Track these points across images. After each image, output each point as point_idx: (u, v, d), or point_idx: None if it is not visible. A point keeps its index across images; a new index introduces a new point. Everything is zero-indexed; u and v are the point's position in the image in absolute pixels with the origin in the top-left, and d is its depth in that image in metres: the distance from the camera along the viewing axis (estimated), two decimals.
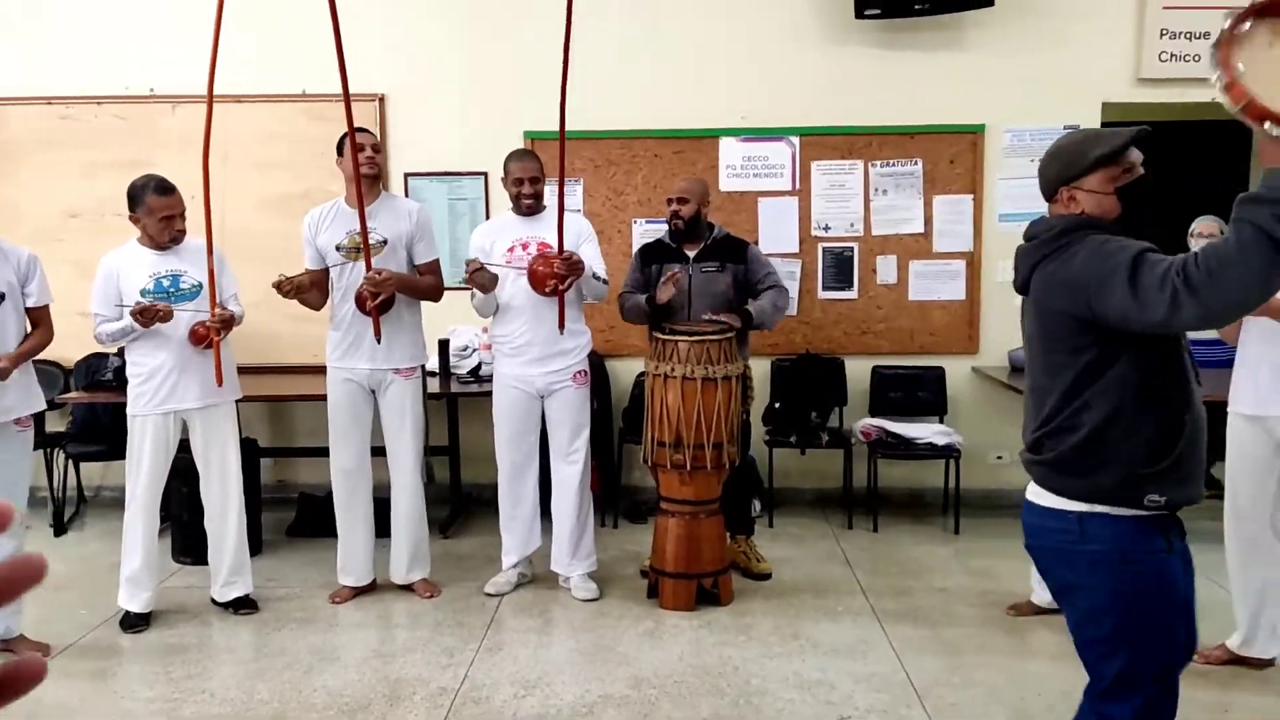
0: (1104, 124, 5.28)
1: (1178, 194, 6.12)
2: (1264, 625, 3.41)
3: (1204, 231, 4.17)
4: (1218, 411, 3.39)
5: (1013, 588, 4.21)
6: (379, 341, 4.00)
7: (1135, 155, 2.06)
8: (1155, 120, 5.71)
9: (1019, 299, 3.93)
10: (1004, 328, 5.32)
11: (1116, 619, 2.04)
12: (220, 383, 3.87)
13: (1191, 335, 4.02)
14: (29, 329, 3.74)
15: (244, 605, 4.09)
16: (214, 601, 4.11)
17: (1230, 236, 1.68)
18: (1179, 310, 1.75)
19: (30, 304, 3.67)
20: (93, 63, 5.52)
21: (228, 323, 3.87)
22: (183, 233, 3.91)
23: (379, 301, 3.94)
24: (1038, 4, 5.25)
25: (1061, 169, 2.09)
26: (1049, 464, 2.07)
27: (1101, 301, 1.90)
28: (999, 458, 5.53)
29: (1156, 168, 6.41)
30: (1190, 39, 5.17)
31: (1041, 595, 3.96)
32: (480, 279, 4.01)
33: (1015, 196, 5.37)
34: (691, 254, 4.34)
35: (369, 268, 3.91)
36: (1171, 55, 5.20)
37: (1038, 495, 2.12)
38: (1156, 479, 1.97)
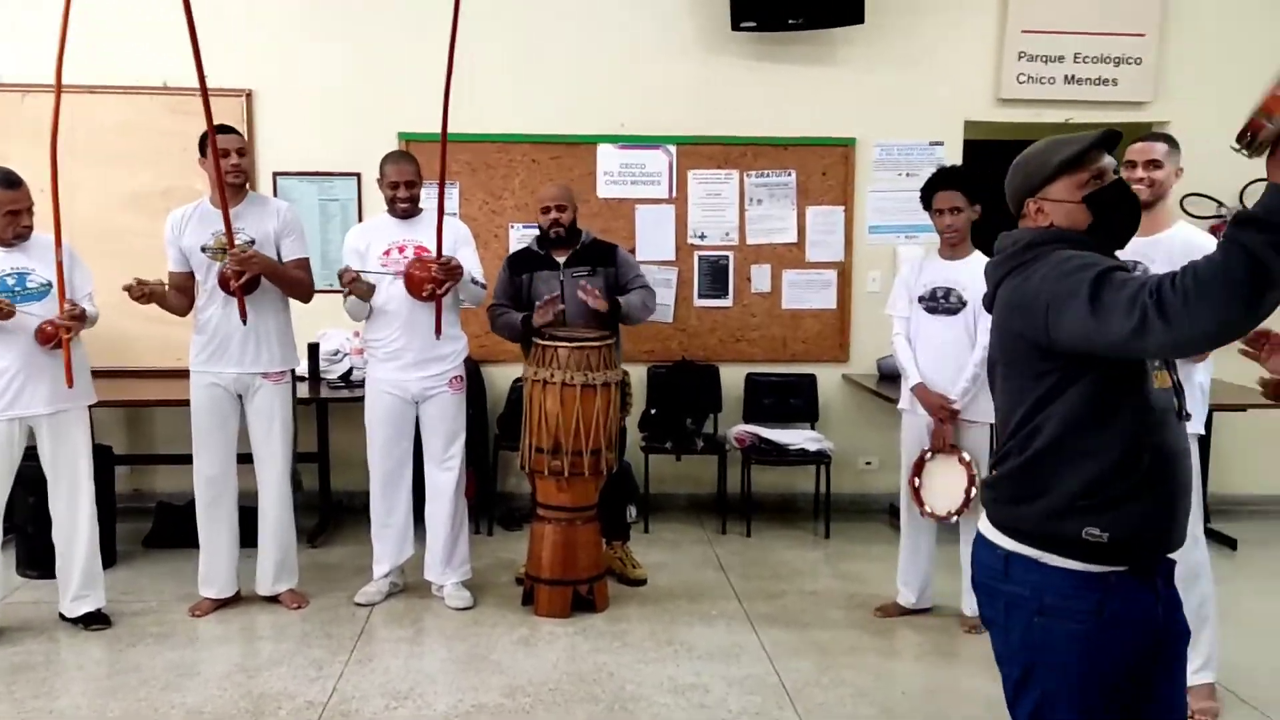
0: (966, 142, 5.53)
1: None
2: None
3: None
4: None
5: (880, 590, 4.34)
6: (245, 323, 3.86)
7: (1106, 160, 1.90)
8: (1013, 139, 6.02)
9: (889, 309, 4.12)
10: (873, 336, 5.49)
11: (1021, 668, 1.89)
12: (70, 384, 3.66)
13: None
14: None
15: (95, 620, 3.88)
16: (63, 617, 3.88)
17: (1216, 258, 1.50)
18: (1146, 335, 1.58)
19: None
20: None
21: (78, 319, 3.65)
22: (29, 229, 3.69)
23: (244, 281, 3.79)
24: (905, 23, 5.45)
25: (1024, 180, 1.96)
26: (991, 488, 1.96)
27: (1059, 325, 1.73)
28: (867, 463, 5.70)
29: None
30: (1046, 62, 5.45)
31: (907, 597, 4.10)
32: (358, 289, 3.92)
33: (884, 209, 5.55)
34: (562, 260, 4.34)
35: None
36: (1029, 77, 5.46)
37: (981, 522, 1.99)
38: (1097, 510, 1.79)
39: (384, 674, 3.50)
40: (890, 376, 5.24)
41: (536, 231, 4.43)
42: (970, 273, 3.81)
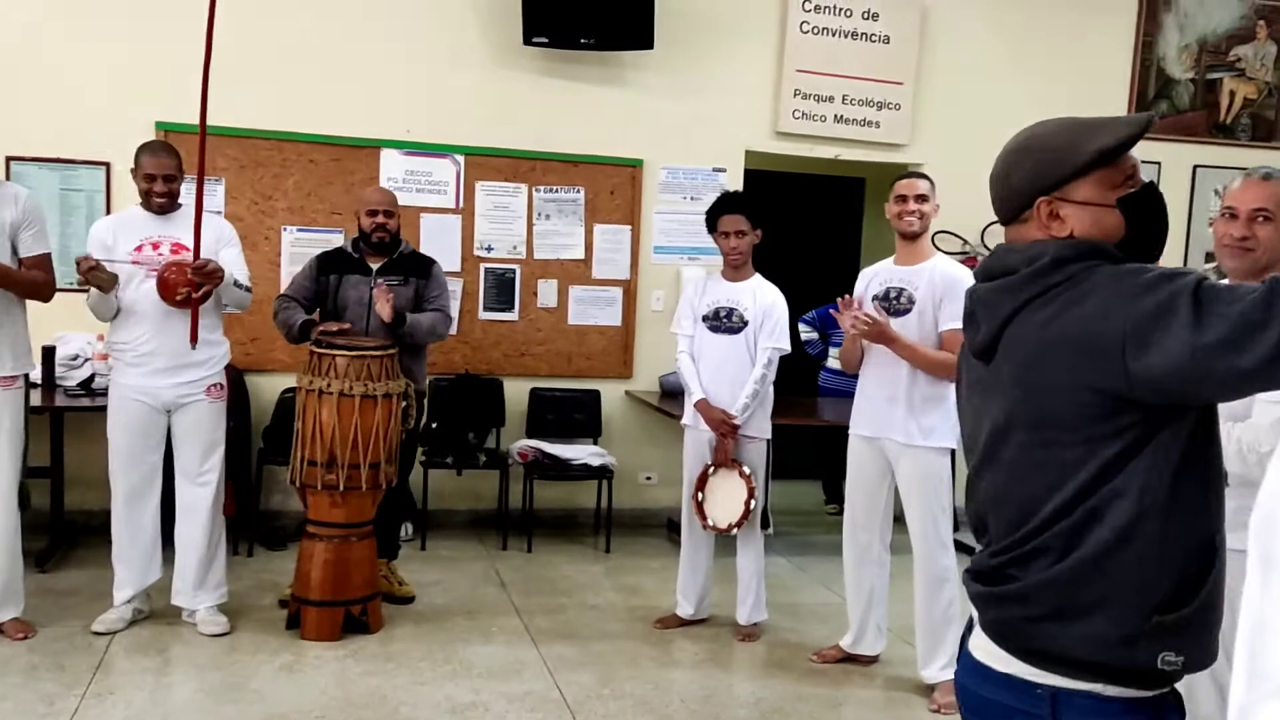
0: (746, 170, 5.73)
1: (805, 239, 6.80)
2: (871, 625, 3.79)
3: None
4: (843, 434, 3.77)
5: (659, 602, 4.38)
6: None
7: (1136, 159, 1.47)
8: (789, 171, 6.32)
9: (674, 328, 4.17)
10: (656, 354, 5.57)
11: None
12: None
13: (832, 365, 4.23)
14: None
15: None
16: None
17: None
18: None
19: None
20: None
21: None
22: None
23: None
24: (692, 53, 5.60)
25: (1038, 170, 1.45)
26: (1013, 602, 1.41)
27: (1146, 359, 1.27)
28: (648, 478, 5.76)
29: (790, 214, 7.04)
30: (818, 100, 5.74)
31: (685, 608, 4.15)
32: (97, 278, 3.57)
33: (669, 230, 5.67)
34: (376, 266, 4.16)
35: None
36: (803, 114, 5.74)
37: (989, 653, 1.45)
38: (1176, 630, 1.34)
39: (126, 708, 3.17)
40: (671, 393, 5.33)
41: (311, 235, 4.21)
42: (751, 293, 3.95)
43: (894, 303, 3.57)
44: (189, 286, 3.62)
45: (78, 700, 3.20)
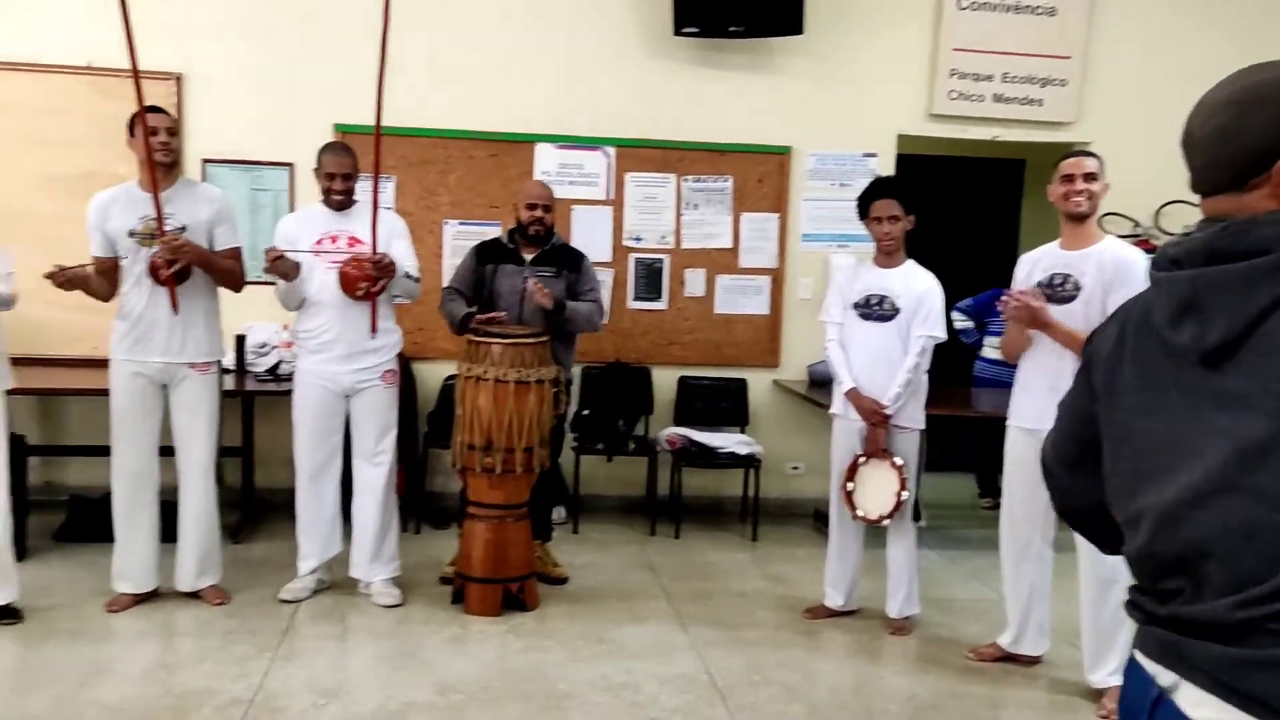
0: (899, 155, 5.65)
1: (961, 224, 6.65)
2: (1032, 624, 3.70)
3: None
4: (999, 425, 3.69)
5: (806, 592, 4.41)
6: (175, 313, 3.76)
7: None
8: (943, 155, 6.19)
9: (823, 316, 4.18)
10: (804, 343, 5.58)
11: None
12: None
13: (988, 354, 4.10)
14: None
15: (7, 615, 3.72)
16: None
17: None
18: None
19: None
20: None
21: None
22: None
23: (174, 270, 3.70)
24: (842, 37, 5.55)
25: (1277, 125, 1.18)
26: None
27: None
28: (795, 468, 5.77)
29: (944, 199, 6.90)
30: (976, 80, 5.61)
31: (834, 599, 4.16)
32: (282, 267, 3.84)
33: (817, 218, 5.65)
34: (530, 257, 4.33)
35: None
36: (959, 94, 5.61)
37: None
38: None
39: (310, 671, 3.44)
40: (820, 382, 5.33)
41: (473, 229, 4.41)
42: (903, 280, 3.91)
43: (1058, 290, 3.46)
44: (367, 281, 3.87)
45: (268, 662, 3.48)
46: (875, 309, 3.93)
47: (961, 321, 5.66)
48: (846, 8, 5.53)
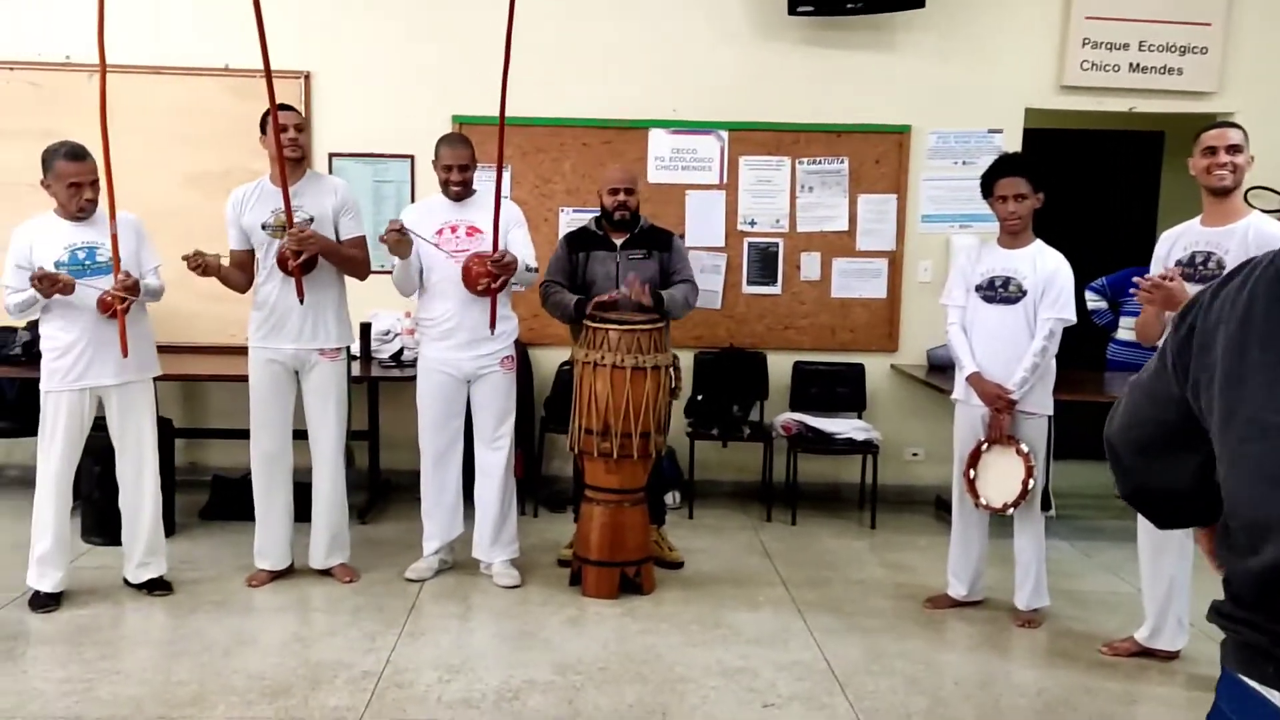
0: (1026, 130, 5.46)
1: (1093, 201, 6.39)
2: (1171, 618, 3.54)
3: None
4: None
5: (928, 581, 4.32)
6: (302, 302, 3.91)
7: None
8: (1075, 128, 5.95)
9: (944, 299, 4.06)
10: (923, 327, 5.46)
11: None
12: (125, 354, 3.72)
13: (1122, 336, 3.93)
14: None
15: (159, 587, 3.97)
16: (127, 583, 3.98)
17: None
18: None
19: None
20: (4, 27, 5.28)
21: (131, 289, 3.70)
22: (92, 202, 3.75)
23: (301, 260, 3.85)
24: (966, 9, 5.39)
25: None
26: None
27: None
28: (914, 454, 5.66)
29: (1075, 175, 6.66)
30: (1110, 49, 5.36)
31: (958, 589, 4.07)
32: (399, 240, 3.91)
33: (938, 198, 5.51)
34: (619, 242, 4.36)
35: None
36: (1092, 64, 5.38)
37: None
38: None
39: (435, 648, 3.55)
40: (940, 367, 5.21)
41: (586, 216, 4.45)
42: (1030, 261, 3.77)
43: (1200, 269, 3.29)
44: (489, 277, 3.95)
45: (395, 638, 3.61)
46: (1000, 291, 3.81)
47: (1095, 302, 5.44)
48: None
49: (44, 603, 3.78)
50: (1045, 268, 3.75)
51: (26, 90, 5.31)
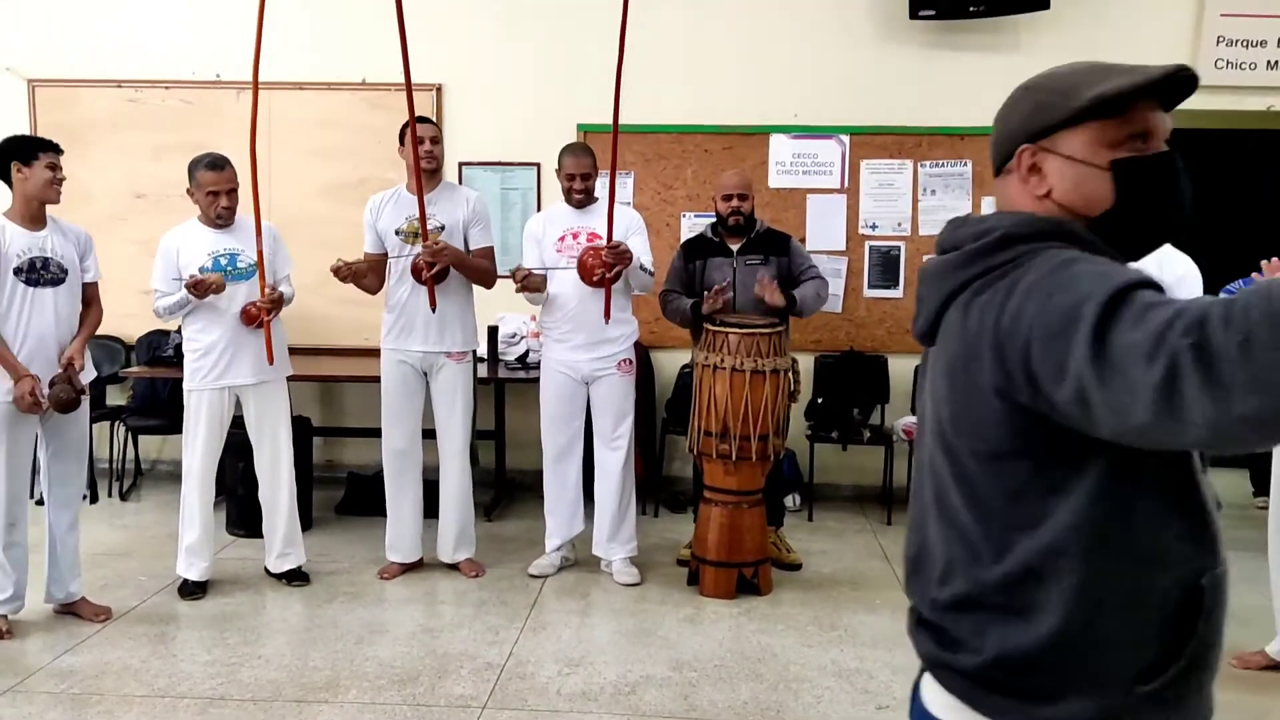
0: None
1: (1232, 209, 6.11)
2: None
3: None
4: None
5: None
6: (434, 310, 4.09)
7: (1161, 120, 1.19)
8: (1210, 128, 5.71)
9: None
10: None
11: None
12: (271, 361, 4.00)
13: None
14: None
15: (297, 577, 4.21)
16: (268, 572, 4.23)
17: None
18: (1177, 408, 0.90)
19: (86, 279, 3.80)
20: (161, 47, 5.67)
21: (277, 303, 4.00)
22: (230, 210, 4.01)
23: (434, 271, 4.03)
24: (1094, 8, 5.24)
25: (1033, 113, 1.21)
26: (967, 678, 1.19)
27: (1048, 370, 1.02)
28: None
29: (1212, 179, 6.34)
30: (1247, 46, 5.15)
31: None
32: (532, 283, 4.10)
33: None
34: (736, 247, 4.40)
35: None
36: (1228, 62, 5.17)
37: (944, 705, 1.23)
38: (1162, 700, 1.11)
39: (556, 642, 3.66)
40: None
41: (707, 221, 4.51)
42: (1156, 264, 3.65)
43: None
44: (604, 268, 4.06)
45: (518, 632, 3.74)
46: None
47: None
48: None
49: (192, 590, 4.06)
50: (1173, 271, 3.64)
51: (180, 107, 5.69)
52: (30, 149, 3.59)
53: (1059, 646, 1.11)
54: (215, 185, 3.95)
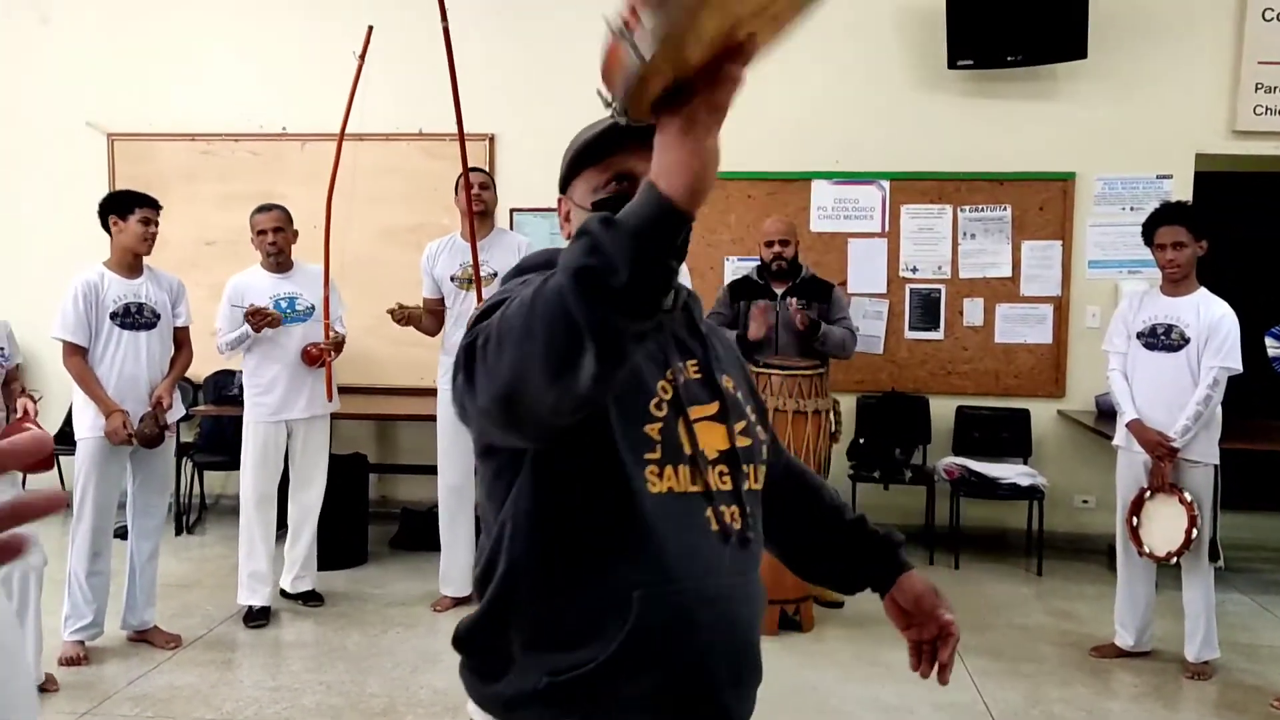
0: (1197, 174, 5.35)
1: (1272, 254, 6.14)
2: None
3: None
4: None
5: (1096, 630, 4.27)
6: None
7: (628, 164, 1.29)
8: (1249, 171, 5.77)
9: (1106, 345, 4.07)
10: (1091, 373, 5.38)
11: None
12: (330, 398, 4.27)
13: None
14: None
15: (313, 598, 4.48)
16: (284, 593, 4.46)
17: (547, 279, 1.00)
18: (468, 389, 1.06)
19: (177, 324, 4.05)
20: (231, 103, 5.98)
21: (339, 346, 4.26)
22: (277, 246, 4.26)
23: None
24: (1132, 55, 5.35)
25: (562, 170, 1.40)
26: (457, 647, 1.38)
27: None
28: (1084, 501, 5.56)
29: (1252, 219, 6.41)
30: None
31: (1125, 638, 4.01)
32: None
33: (1106, 244, 5.45)
34: (780, 291, 4.54)
35: (480, 299, 4.20)
36: (1266, 109, 5.24)
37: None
38: (569, 696, 1.20)
39: None
40: (1108, 414, 5.12)
41: (751, 265, 4.66)
42: (1194, 309, 3.75)
43: None
44: None
45: None
46: (1162, 339, 3.79)
47: (1276, 349, 5.23)
48: (1136, 26, 5.32)
49: (255, 617, 4.25)
50: (1209, 316, 3.72)
51: (248, 158, 5.98)
52: (127, 204, 3.86)
53: (493, 618, 1.27)
54: (263, 224, 4.25)
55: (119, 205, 3.86)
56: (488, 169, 5.63)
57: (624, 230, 0.93)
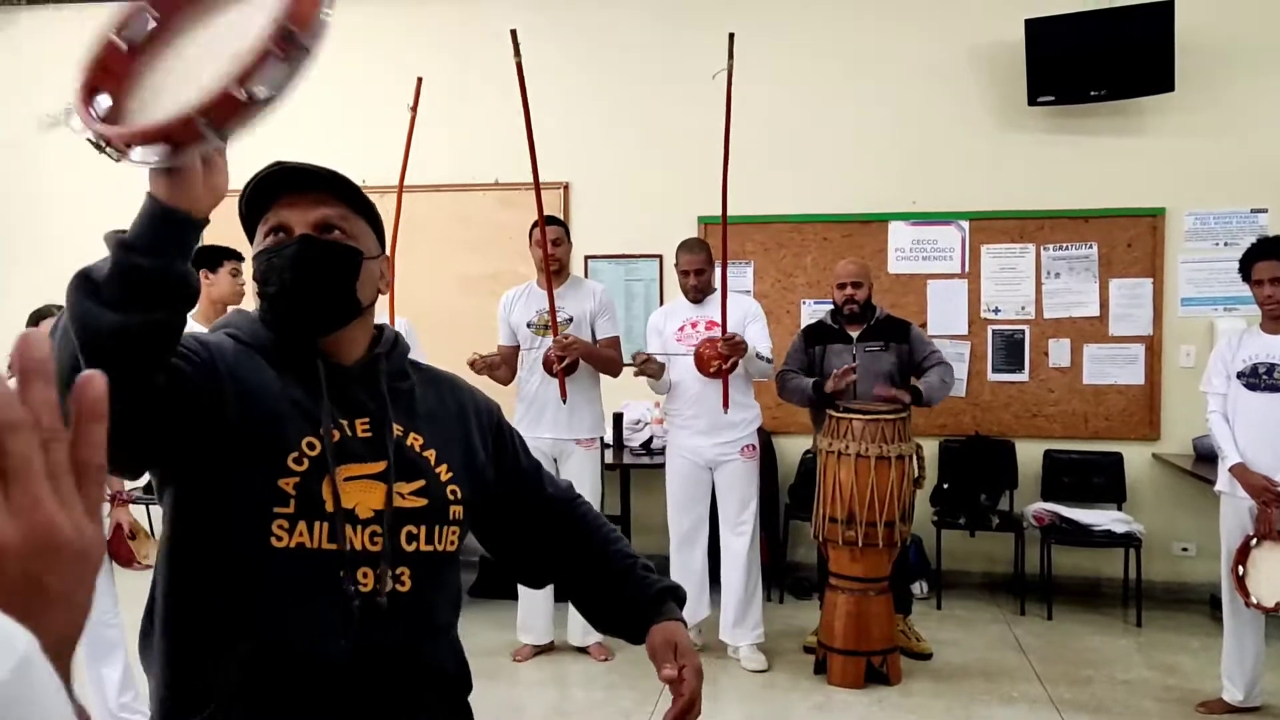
0: None
1: None
2: None
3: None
4: None
5: (1201, 684, 4.06)
6: (564, 401, 4.27)
7: (299, 214, 1.34)
8: None
9: (1204, 386, 3.91)
10: (1187, 414, 5.18)
11: None
12: None
13: None
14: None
15: None
16: None
17: None
18: None
19: None
20: (311, 157, 6.12)
21: None
22: None
23: (565, 364, 4.22)
24: (1219, 89, 5.20)
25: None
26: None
27: None
28: (1184, 549, 5.33)
29: None
30: None
31: (1233, 693, 3.81)
32: (650, 369, 4.26)
33: (1199, 281, 5.27)
34: (855, 334, 4.47)
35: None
36: None
37: None
38: None
39: None
40: (1207, 457, 4.91)
41: (827, 308, 4.61)
42: (1229, 340, 3.60)
43: None
44: (719, 359, 4.19)
45: (648, 716, 3.80)
46: (1264, 379, 3.63)
47: None
48: (1224, 58, 5.18)
49: None
50: (1249, 350, 3.56)
51: None
52: (215, 257, 3.96)
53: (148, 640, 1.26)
54: None
55: (207, 259, 3.95)
56: (562, 217, 5.68)
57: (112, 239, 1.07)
